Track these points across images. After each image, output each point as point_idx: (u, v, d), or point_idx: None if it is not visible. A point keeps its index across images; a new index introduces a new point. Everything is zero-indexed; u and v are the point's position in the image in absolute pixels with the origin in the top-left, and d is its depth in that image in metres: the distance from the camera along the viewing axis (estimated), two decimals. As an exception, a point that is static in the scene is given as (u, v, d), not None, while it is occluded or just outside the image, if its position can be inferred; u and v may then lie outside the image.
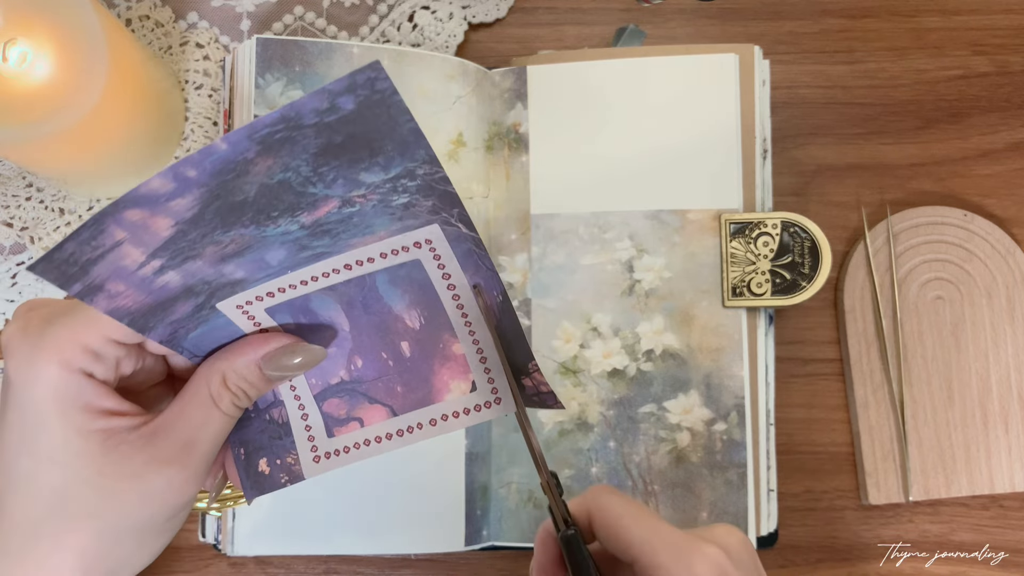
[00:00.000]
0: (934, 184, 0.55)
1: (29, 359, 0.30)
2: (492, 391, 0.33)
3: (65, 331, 0.30)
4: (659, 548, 0.31)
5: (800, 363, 0.54)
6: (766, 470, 0.49)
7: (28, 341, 0.30)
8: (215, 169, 0.25)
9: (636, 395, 0.49)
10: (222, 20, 0.56)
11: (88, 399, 0.30)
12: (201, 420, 0.31)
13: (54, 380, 0.30)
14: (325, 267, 0.32)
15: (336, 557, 0.52)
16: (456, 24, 0.56)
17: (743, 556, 0.32)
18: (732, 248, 0.49)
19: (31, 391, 0.30)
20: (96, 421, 0.30)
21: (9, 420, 0.30)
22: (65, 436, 0.30)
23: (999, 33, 0.56)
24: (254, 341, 0.32)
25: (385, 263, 0.32)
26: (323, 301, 0.33)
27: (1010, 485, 0.51)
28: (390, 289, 0.33)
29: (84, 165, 0.50)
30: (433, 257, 0.32)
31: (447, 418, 0.34)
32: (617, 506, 0.32)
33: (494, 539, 0.49)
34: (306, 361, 0.33)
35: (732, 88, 0.50)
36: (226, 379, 0.32)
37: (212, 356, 0.33)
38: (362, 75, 0.24)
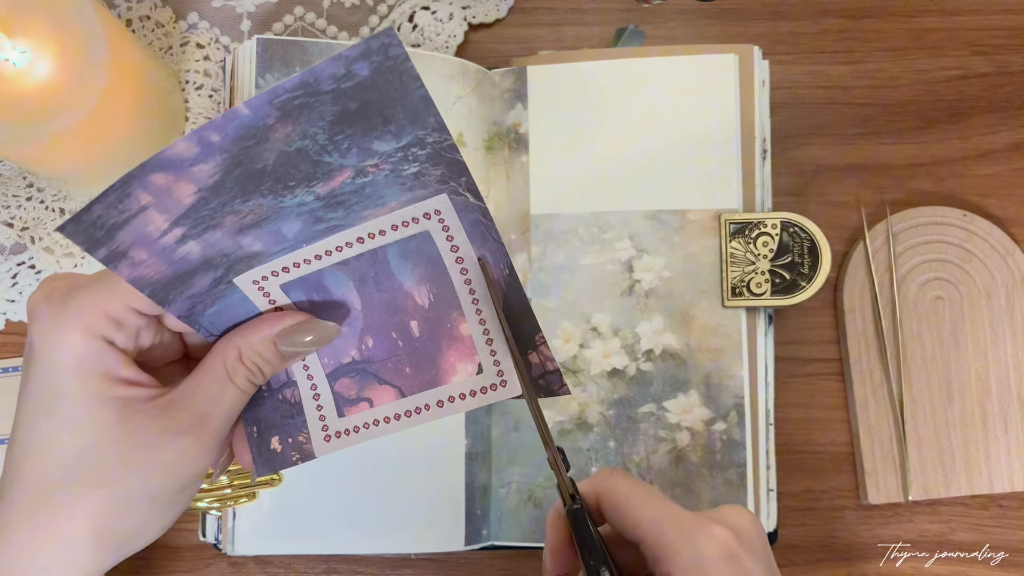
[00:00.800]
0: (934, 184, 0.55)
1: (53, 325, 0.30)
2: (498, 373, 0.34)
3: (88, 299, 0.31)
4: (666, 527, 0.31)
5: (800, 363, 0.54)
6: (766, 470, 0.49)
7: (53, 307, 0.31)
8: (237, 135, 0.25)
9: (636, 395, 0.49)
10: (222, 20, 0.56)
11: (108, 366, 0.31)
12: (216, 393, 0.32)
13: (77, 346, 0.30)
14: (338, 240, 0.32)
15: (336, 557, 0.52)
16: (456, 24, 0.56)
17: (752, 537, 0.31)
18: (732, 248, 0.49)
19: (54, 356, 0.30)
20: (114, 389, 0.31)
21: (30, 384, 0.31)
22: (84, 402, 0.30)
23: (999, 33, 0.56)
24: (269, 319, 0.33)
25: (396, 235, 0.32)
26: (336, 277, 0.33)
27: (1009, 485, 0.51)
28: (401, 263, 0.33)
29: (84, 165, 0.50)
30: (442, 228, 0.32)
31: (453, 400, 0.34)
32: (626, 487, 0.32)
33: (494, 539, 0.49)
34: (320, 338, 0.33)
35: (732, 88, 0.50)
36: (242, 354, 0.32)
37: (228, 333, 0.33)
38: (376, 41, 0.24)
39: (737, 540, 0.30)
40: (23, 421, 0.31)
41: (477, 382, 0.34)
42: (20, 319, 0.54)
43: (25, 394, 0.31)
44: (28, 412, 0.31)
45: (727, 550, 0.30)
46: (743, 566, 0.30)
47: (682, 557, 0.30)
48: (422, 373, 0.34)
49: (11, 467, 0.31)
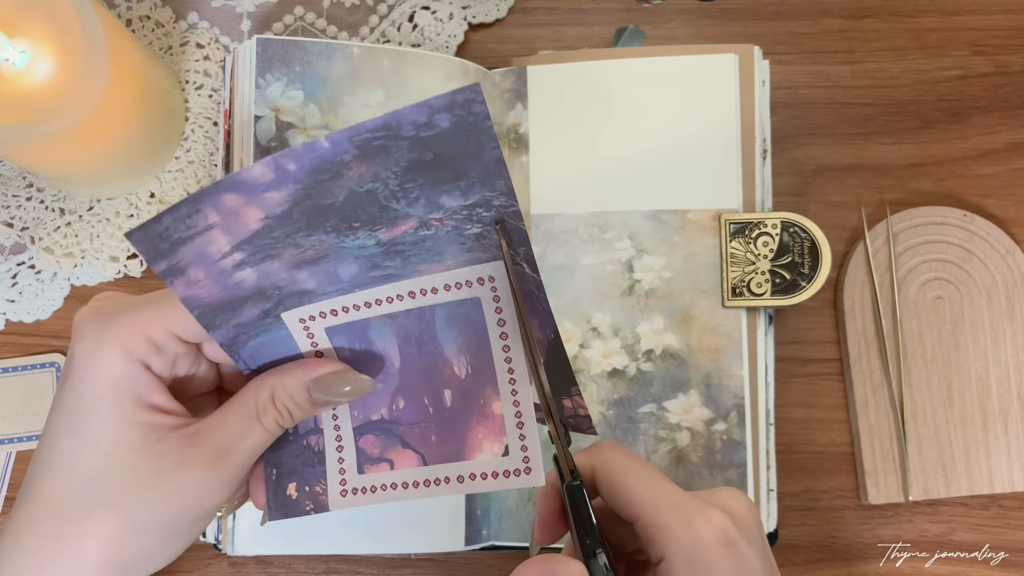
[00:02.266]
0: (934, 184, 0.55)
1: (96, 342, 0.31)
2: (524, 459, 0.33)
3: (133, 321, 0.31)
4: (663, 508, 0.30)
5: (800, 363, 0.54)
6: (766, 470, 0.49)
7: (98, 325, 0.31)
8: (313, 167, 0.25)
9: (636, 395, 0.49)
10: (222, 20, 0.56)
11: (141, 391, 0.31)
12: (242, 431, 0.32)
13: (114, 367, 0.31)
14: (390, 291, 0.32)
15: (336, 557, 0.52)
16: (456, 24, 0.56)
17: (748, 522, 0.31)
18: (732, 248, 0.49)
19: (90, 373, 0.31)
20: (143, 414, 0.31)
21: (63, 397, 0.31)
22: (111, 423, 0.30)
23: (999, 33, 0.56)
24: (307, 363, 0.33)
25: (447, 296, 0.32)
26: (381, 330, 0.33)
27: (1009, 485, 0.51)
28: (446, 328, 0.33)
29: (84, 165, 0.50)
30: (493, 298, 0.32)
31: (475, 478, 0.33)
32: (623, 463, 0.32)
33: (494, 539, 0.49)
34: (355, 390, 0.33)
35: (732, 88, 0.50)
36: (274, 395, 0.32)
37: (264, 372, 0.33)
38: (462, 95, 0.24)
39: (734, 525, 0.30)
40: (49, 433, 0.31)
41: (501, 464, 0.33)
42: (20, 319, 0.54)
43: (57, 406, 0.32)
44: (55, 425, 0.31)
45: (724, 535, 0.30)
46: (739, 552, 0.30)
47: (678, 541, 0.29)
48: (447, 445, 0.33)
49: (31, 478, 0.31)
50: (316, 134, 0.48)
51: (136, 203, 0.54)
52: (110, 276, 0.54)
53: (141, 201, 0.54)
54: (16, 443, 0.53)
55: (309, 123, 0.48)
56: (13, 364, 0.53)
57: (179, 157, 0.54)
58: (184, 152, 0.54)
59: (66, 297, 0.54)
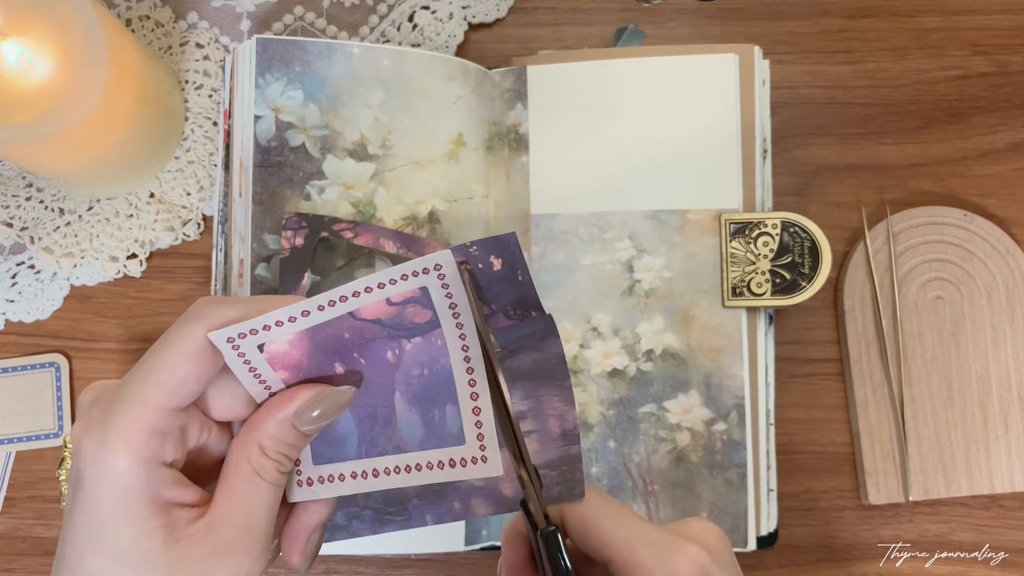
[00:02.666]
0: (934, 184, 0.55)
1: (96, 457, 0.29)
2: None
3: (126, 419, 0.29)
4: (638, 547, 0.30)
5: (800, 363, 0.54)
6: (766, 470, 0.49)
7: (92, 437, 0.29)
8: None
9: (636, 395, 0.49)
10: (222, 20, 0.56)
11: (155, 490, 0.29)
12: (252, 499, 0.31)
13: (122, 475, 0.29)
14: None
15: (336, 557, 0.52)
16: (456, 24, 0.56)
17: (723, 554, 0.31)
18: (732, 248, 0.49)
19: (97, 490, 0.29)
20: (158, 516, 0.29)
21: (75, 516, 0.30)
22: (129, 535, 0.29)
23: (999, 33, 0.56)
24: (279, 402, 0.32)
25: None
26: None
27: (1010, 485, 0.51)
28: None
29: (84, 165, 0.50)
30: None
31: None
32: (591, 502, 0.31)
33: (494, 539, 0.49)
34: (339, 405, 0.32)
35: (732, 88, 0.50)
36: (264, 448, 0.31)
37: (242, 429, 0.32)
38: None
39: (710, 557, 0.30)
40: (70, 558, 0.30)
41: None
42: (19, 319, 0.54)
43: (71, 526, 0.30)
44: (75, 548, 0.30)
45: (701, 569, 0.29)
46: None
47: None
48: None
49: None
50: (316, 134, 0.48)
51: (136, 203, 0.54)
52: (110, 276, 0.54)
53: (141, 201, 0.54)
54: (16, 443, 0.53)
55: (309, 123, 0.48)
56: (13, 364, 0.53)
57: (179, 157, 0.54)
58: (184, 152, 0.54)
59: (66, 297, 0.54)
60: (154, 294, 0.54)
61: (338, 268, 0.48)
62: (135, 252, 0.54)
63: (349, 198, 0.48)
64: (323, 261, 0.48)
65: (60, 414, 0.53)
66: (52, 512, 0.53)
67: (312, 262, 0.47)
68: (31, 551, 0.53)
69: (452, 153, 0.50)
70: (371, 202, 0.49)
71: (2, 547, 0.52)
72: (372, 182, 0.49)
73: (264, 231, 0.47)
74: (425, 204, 0.49)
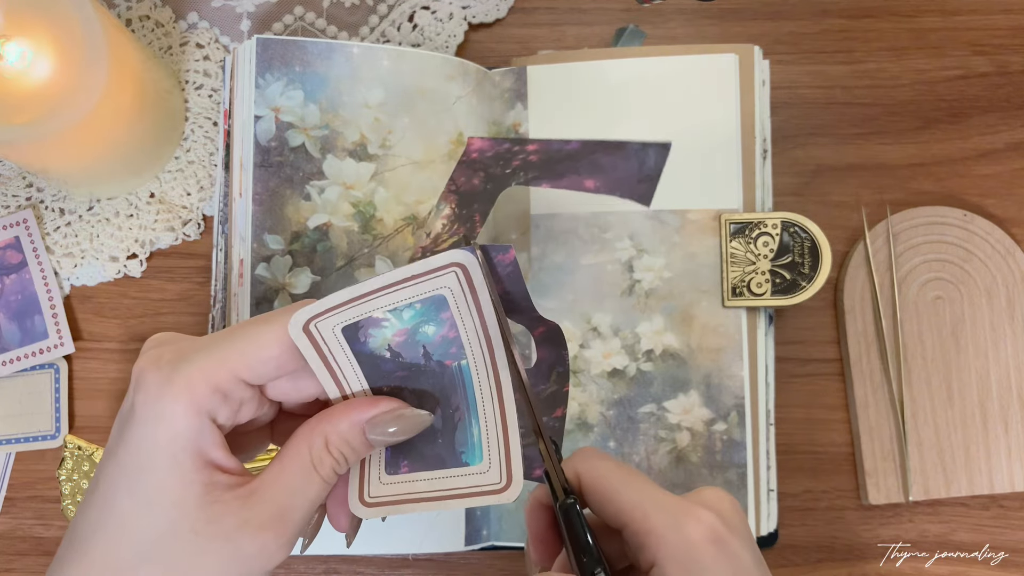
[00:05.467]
0: (934, 184, 0.55)
1: (159, 394, 0.29)
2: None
3: (198, 368, 0.29)
4: (651, 512, 0.30)
5: (800, 363, 0.54)
6: (766, 470, 0.49)
7: (160, 374, 0.29)
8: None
9: (636, 395, 0.49)
10: (222, 20, 0.56)
11: (202, 446, 0.29)
12: (300, 486, 0.31)
13: (177, 421, 0.29)
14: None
15: (336, 557, 0.52)
16: (456, 24, 0.56)
17: (736, 520, 0.31)
18: (732, 248, 0.49)
19: (151, 428, 0.29)
20: (201, 472, 0.29)
21: (120, 451, 0.30)
22: (170, 483, 0.29)
23: (999, 33, 0.56)
24: (359, 404, 0.31)
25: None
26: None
27: (1010, 485, 0.51)
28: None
29: (84, 165, 0.50)
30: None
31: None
32: (606, 470, 0.31)
33: (494, 539, 0.49)
34: (413, 426, 0.32)
35: (732, 88, 0.50)
36: (328, 443, 0.31)
37: (314, 418, 0.32)
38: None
39: (723, 523, 0.30)
40: (102, 492, 0.30)
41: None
42: (20, 319, 0.54)
43: (112, 460, 0.30)
44: (109, 483, 0.29)
45: (714, 534, 0.29)
46: (730, 549, 0.29)
47: (669, 543, 0.29)
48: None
49: (79, 541, 0.30)
50: (316, 134, 0.48)
51: (136, 203, 0.54)
52: (110, 276, 0.54)
53: (141, 201, 0.54)
54: (16, 444, 0.53)
55: (309, 123, 0.48)
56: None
57: (179, 157, 0.54)
58: (184, 152, 0.54)
59: (65, 297, 0.54)
60: (154, 294, 0.54)
61: (338, 268, 0.48)
62: (135, 252, 0.54)
63: (349, 198, 0.48)
64: (323, 261, 0.48)
65: (59, 416, 0.53)
66: (52, 512, 0.53)
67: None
68: (31, 551, 0.53)
69: (452, 153, 0.50)
70: (371, 202, 0.49)
71: (2, 547, 0.53)
72: (372, 182, 0.49)
73: (264, 231, 0.47)
74: (425, 204, 0.49)
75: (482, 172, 0.48)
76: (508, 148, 0.48)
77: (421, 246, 0.49)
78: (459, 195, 0.48)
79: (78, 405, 0.53)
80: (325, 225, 0.48)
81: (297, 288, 0.48)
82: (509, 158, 0.48)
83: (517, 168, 0.48)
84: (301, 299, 0.46)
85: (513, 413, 0.32)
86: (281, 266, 0.48)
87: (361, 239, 0.48)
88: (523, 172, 0.48)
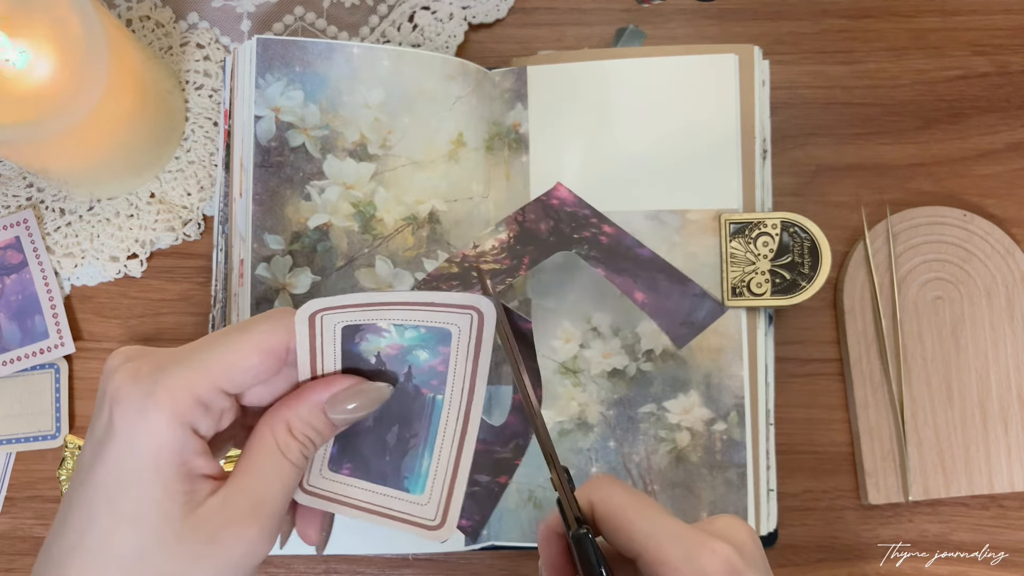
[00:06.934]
0: (933, 184, 0.55)
1: (140, 408, 0.29)
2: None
3: (179, 380, 0.29)
4: (665, 544, 0.29)
5: (800, 363, 0.54)
6: (766, 470, 0.49)
7: (140, 388, 0.29)
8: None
9: (636, 395, 0.49)
10: (222, 20, 0.56)
11: (186, 457, 0.29)
12: (272, 476, 0.31)
13: (161, 433, 0.29)
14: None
15: (336, 557, 0.52)
16: (456, 24, 0.56)
17: (753, 551, 0.30)
18: (732, 248, 0.49)
19: (134, 443, 0.29)
20: (184, 483, 0.29)
21: (99, 468, 0.29)
22: (154, 496, 0.29)
23: (999, 33, 0.56)
24: (316, 386, 0.32)
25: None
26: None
27: (1009, 485, 0.51)
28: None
29: (84, 165, 0.50)
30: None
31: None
32: (621, 499, 0.31)
33: (494, 539, 0.49)
34: (373, 400, 0.32)
35: (732, 88, 0.50)
36: (292, 428, 0.31)
37: (274, 405, 0.32)
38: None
39: (739, 555, 0.29)
40: (79, 509, 0.29)
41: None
42: (20, 319, 0.54)
43: (88, 482, 0.29)
44: (89, 504, 0.29)
45: (730, 566, 0.29)
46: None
47: (683, 575, 0.29)
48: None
49: (55, 565, 0.29)
50: (316, 134, 0.48)
51: (136, 203, 0.54)
52: (110, 276, 0.54)
53: (141, 201, 0.54)
54: (16, 444, 0.53)
55: (309, 123, 0.48)
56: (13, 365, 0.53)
57: (179, 157, 0.54)
58: (184, 152, 0.54)
59: (65, 297, 0.54)
60: (154, 294, 0.54)
61: (338, 268, 0.48)
62: (136, 252, 0.54)
63: (349, 198, 0.48)
64: (323, 261, 0.48)
65: (59, 415, 0.53)
66: (52, 512, 0.53)
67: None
68: (31, 551, 0.53)
69: (452, 153, 0.50)
70: (371, 202, 0.49)
71: (2, 547, 0.53)
72: (372, 182, 0.49)
73: (264, 231, 0.48)
74: (425, 204, 0.49)
75: (552, 222, 0.48)
76: (587, 215, 0.48)
77: (463, 251, 0.49)
78: (522, 229, 0.48)
79: (78, 405, 0.53)
80: (325, 225, 0.48)
81: (297, 288, 0.48)
82: (583, 225, 0.49)
83: (586, 239, 0.48)
84: (301, 299, 0.46)
85: (468, 465, 0.33)
86: (281, 266, 0.48)
87: (361, 239, 0.48)
88: (588, 247, 0.48)
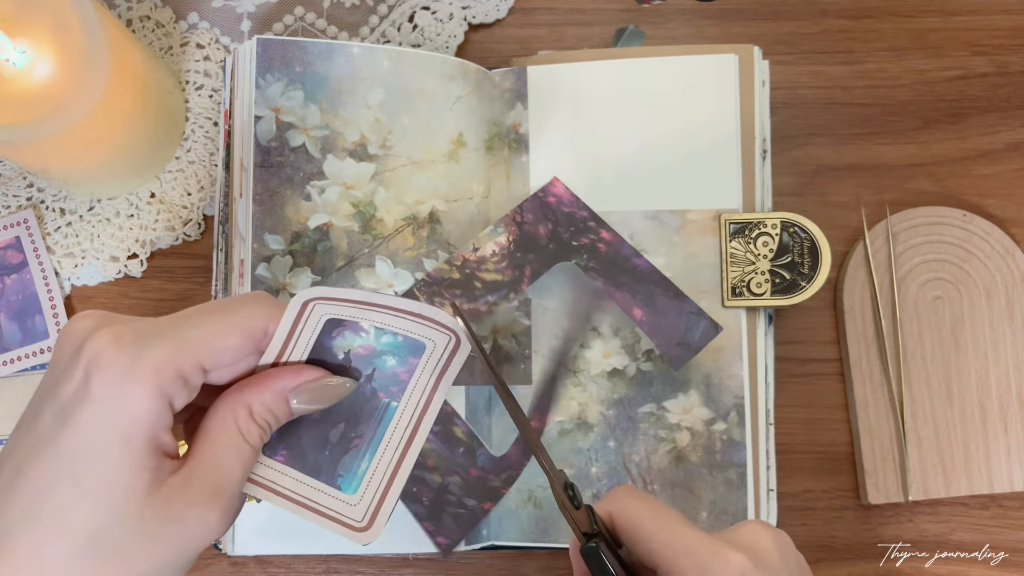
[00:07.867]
0: (933, 184, 0.55)
1: (122, 376, 0.28)
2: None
3: (165, 352, 0.28)
4: (680, 555, 0.30)
5: (799, 363, 0.54)
6: (766, 470, 0.49)
7: (125, 355, 0.28)
8: None
9: (636, 395, 0.49)
10: (223, 20, 0.56)
11: (156, 432, 0.29)
12: (234, 458, 0.31)
13: (142, 403, 0.28)
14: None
15: (336, 557, 0.52)
16: (456, 24, 0.56)
17: (772, 558, 0.30)
18: (732, 248, 0.49)
19: (110, 411, 0.28)
20: (151, 458, 0.28)
21: (63, 439, 0.28)
22: (120, 470, 0.28)
23: (999, 33, 0.56)
24: (284, 372, 0.32)
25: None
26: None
27: (1009, 485, 0.51)
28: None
29: (84, 165, 0.50)
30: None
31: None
32: (638, 510, 0.31)
33: (494, 539, 0.49)
34: (335, 395, 0.32)
35: (732, 88, 0.50)
36: (253, 412, 0.31)
37: (235, 387, 0.32)
38: None
39: (754, 565, 0.29)
40: (35, 475, 0.28)
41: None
42: (20, 319, 0.54)
43: (52, 444, 0.28)
44: (43, 471, 0.28)
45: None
46: None
47: None
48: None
49: (4, 534, 0.27)
50: (316, 134, 0.48)
51: (136, 203, 0.54)
52: (111, 276, 0.54)
53: (141, 201, 0.54)
54: (16, 443, 0.53)
55: (309, 123, 0.48)
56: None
57: (179, 157, 0.55)
58: (184, 152, 0.55)
59: (66, 297, 0.54)
60: (155, 294, 0.54)
61: (338, 268, 0.48)
62: (136, 252, 0.54)
63: (349, 198, 0.48)
64: (324, 261, 0.48)
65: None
66: (53, 512, 0.53)
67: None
68: (32, 551, 0.53)
69: (452, 153, 0.50)
70: (371, 202, 0.49)
71: (3, 547, 0.53)
72: (372, 182, 0.49)
73: (264, 231, 0.48)
74: (425, 204, 0.49)
75: (551, 225, 0.48)
76: (584, 218, 0.48)
77: (463, 254, 0.49)
78: (520, 231, 0.48)
79: (78, 405, 0.53)
80: (325, 225, 0.48)
81: (297, 288, 0.48)
82: (581, 230, 0.49)
83: (584, 247, 0.48)
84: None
85: (406, 475, 0.33)
86: (281, 266, 0.48)
87: (361, 239, 0.48)
88: (587, 256, 0.48)
